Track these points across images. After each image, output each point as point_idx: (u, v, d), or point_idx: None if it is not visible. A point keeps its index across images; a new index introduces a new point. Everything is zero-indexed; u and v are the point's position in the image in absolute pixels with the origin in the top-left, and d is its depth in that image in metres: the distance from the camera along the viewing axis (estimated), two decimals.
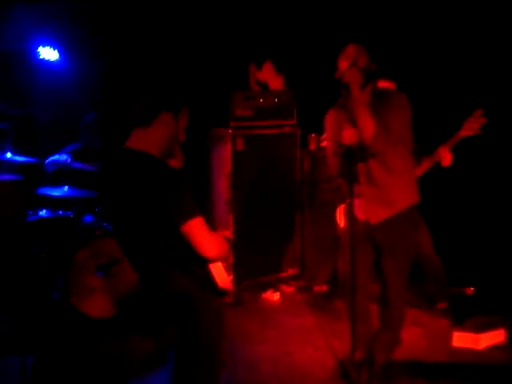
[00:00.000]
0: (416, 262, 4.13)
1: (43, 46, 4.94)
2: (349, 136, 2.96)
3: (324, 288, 4.82)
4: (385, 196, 3.10)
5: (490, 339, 3.74)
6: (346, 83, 2.94)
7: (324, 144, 4.95)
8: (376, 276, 3.30)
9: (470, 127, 3.73)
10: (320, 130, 4.98)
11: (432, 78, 4.76)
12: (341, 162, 3.07)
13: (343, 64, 3.03)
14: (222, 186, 4.79)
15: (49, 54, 4.96)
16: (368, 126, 2.92)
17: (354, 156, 2.95)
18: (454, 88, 4.66)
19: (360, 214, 3.10)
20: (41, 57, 4.94)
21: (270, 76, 5.04)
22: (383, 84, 3.97)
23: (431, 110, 4.63)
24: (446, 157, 3.83)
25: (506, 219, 4.60)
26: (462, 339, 3.74)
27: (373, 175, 3.07)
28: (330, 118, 3.28)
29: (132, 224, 2.45)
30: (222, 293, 2.58)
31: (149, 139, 2.43)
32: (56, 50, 4.98)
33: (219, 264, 2.57)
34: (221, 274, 2.55)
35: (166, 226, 2.38)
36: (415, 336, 3.85)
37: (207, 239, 2.39)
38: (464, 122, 3.76)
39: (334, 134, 3.14)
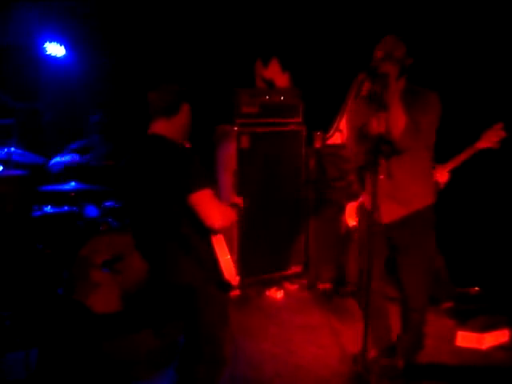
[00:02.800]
0: None
1: (50, 42, 4.95)
2: (377, 126, 2.85)
3: (328, 286, 4.82)
4: (402, 194, 3.05)
5: (494, 339, 3.73)
6: (382, 74, 2.83)
7: (333, 140, 4.96)
8: (395, 277, 3.25)
9: (489, 140, 3.71)
10: (326, 128, 4.99)
11: (453, 87, 4.70)
12: (363, 154, 2.98)
13: (379, 54, 2.94)
14: (227, 184, 4.79)
15: (55, 49, 4.97)
16: (400, 120, 2.84)
17: (380, 148, 2.83)
18: (472, 99, 4.61)
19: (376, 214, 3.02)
20: (47, 52, 4.95)
21: (275, 73, 5.03)
22: None
23: (449, 119, 4.61)
24: (443, 176, 3.86)
25: (510, 220, 4.58)
26: (466, 339, 3.73)
27: (393, 172, 3.01)
28: (353, 108, 3.25)
29: (150, 206, 2.55)
30: (228, 286, 2.59)
31: (173, 127, 2.63)
32: (63, 46, 4.99)
33: (228, 257, 2.61)
34: (228, 267, 2.58)
35: (179, 205, 2.46)
36: None
37: (213, 210, 2.47)
38: (482, 134, 3.74)
39: (355, 124, 3.09)
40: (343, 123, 4.89)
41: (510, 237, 4.56)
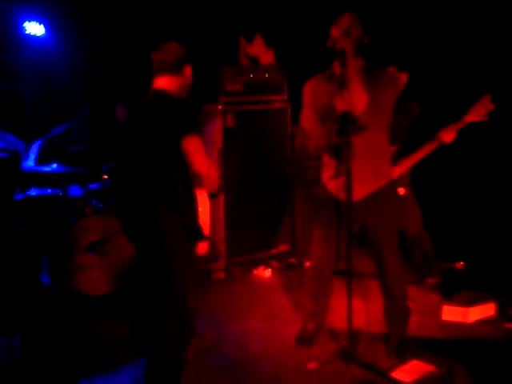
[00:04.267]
0: (404, 237, 4.16)
1: (29, 21, 4.85)
2: (341, 104, 2.88)
3: None
4: (369, 171, 3.06)
5: (479, 313, 3.76)
6: (340, 51, 2.86)
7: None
8: (370, 254, 3.32)
9: (477, 113, 3.68)
10: None
11: (440, 63, 4.69)
12: (328, 132, 2.98)
13: (336, 32, 2.97)
14: None
15: (35, 28, 4.88)
16: (361, 96, 2.87)
17: (347, 127, 2.85)
18: (461, 73, 4.59)
19: (341, 194, 3.04)
20: (27, 32, 4.86)
21: (260, 50, 4.95)
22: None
23: (438, 94, 4.59)
24: (449, 135, 3.78)
25: (496, 195, 4.59)
26: (451, 313, 3.76)
27: (358, 149, 2.96)
28: (311, 88, 3.20)
29: (146, 151, 2.63)
30: (200, 235, 2.67)
31: (175, 85, 2.72)
32: (42, 25, 4.89)
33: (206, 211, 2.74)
34: (204, 219, 2.74)
35: (174, 149, 2.56)
36: None
37: (202, 156, 2.60)
38: (471, 108, 3.71)
39: (316, 104, 3.09)
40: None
41: (495, 212, 4.59)
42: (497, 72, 4.39)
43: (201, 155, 2.59)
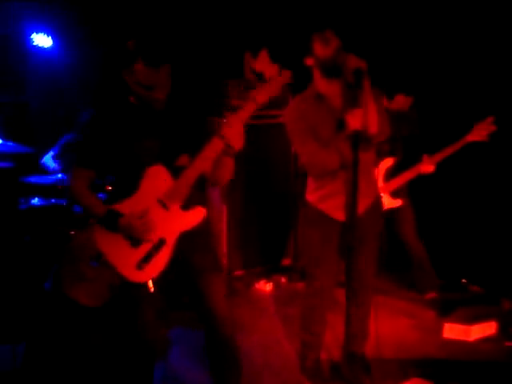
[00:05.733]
0: (405, 252, 4.18)
1: (37, 33, 4.89)
2: (355, 121, 2.76)
3: None
4: (365, 187, 2.93)
5: (481, 331, 3.76)
6: (356, 70, 2.73)
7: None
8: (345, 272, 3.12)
9: (479, 133, 3.74)
10: None
11: (443, 82, 4.71)
12: (336, 153, 2.88)
13: (330, 50, 2.88)
14: None
15: (42, 40, 4.91)
16: (375, 114, 2.82)
17: (359, 143, 2.74)
18: (461, 92, 4.62)
19: (337, 213, 2.99)
20: (34, 43, 4.89)
21: (265, 65, 5.00)
22: (401, 99, 4.00)
23: (439, 112, 4.62)
24: (428, 168, 3.89)
25: (496, 211, 4.60)
26: (453, 331, 3.75)
27: (364, 166, 2.86)
28: (300, 115, 3.02)
29: None
30: None
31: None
32: (50, 37, 4.93)
33: None
34: None
35: None
36: (406, 327, 3.88)
37: None
38: (473, 127, 3.76)
39: (313, 129, 2.93)
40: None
41: (496, 228, 4.59)
42: (498, 92, 4.43)
43: None
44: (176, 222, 2.46)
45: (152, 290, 2.42)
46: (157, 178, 2.46)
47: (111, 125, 2.46)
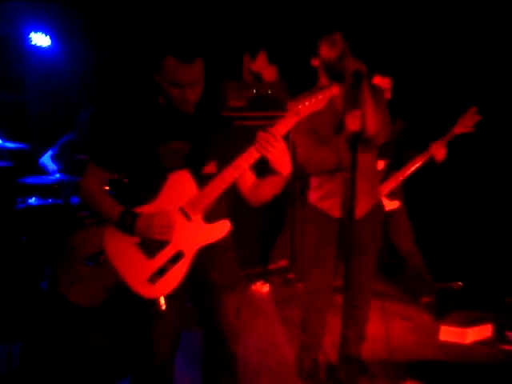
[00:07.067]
0: (399, 256, 4.17)
1: (35, 32, 4.88)
2: (354, 123, 2.79)
3: None
4: (367, 189, 3.00)
5: (477, 334, 3.76)
6: (355, 72, 2.75)
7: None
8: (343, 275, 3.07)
9: (464, 125, 3.75)
10: None
11: (427, 75, 4.75)
12: (335, 153, 2.91)
13: (333, 53, 2.89)
14: None
15: (41, 40, 4.91)
16: (374, 117, 2.83)
17: (357, 144, 2.75)
18: (447, 85, 4.66)
19: (336, 211, 3.02)
20: (33, 43, 4.89)
21: (263, 67, 5.01)
22: (378, 79, 3.98)
23: (426, 106, 4.64)
24: (439, 152, 3.83)
25: (493, 214, 4.62)
26: (449, 333, 3.76)
27: (360, 167, 2.84)
28: None
29: None
30: None
31: None
32: (48, 36, 4.92)
33: None
34: None
35: None
36: (403, 330, 3.88)
37: None
38: (458, 120, 3.77)
39: (313, 127, 2.94)
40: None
41: (492, 232, 4.61)
42: (482, 84, 4.46)
43: None
44: (197, 235, 2.26)
45: (164, 308, 2.19)
46: (181, 185, 2.23)
47: (133, 124, 2.25)
